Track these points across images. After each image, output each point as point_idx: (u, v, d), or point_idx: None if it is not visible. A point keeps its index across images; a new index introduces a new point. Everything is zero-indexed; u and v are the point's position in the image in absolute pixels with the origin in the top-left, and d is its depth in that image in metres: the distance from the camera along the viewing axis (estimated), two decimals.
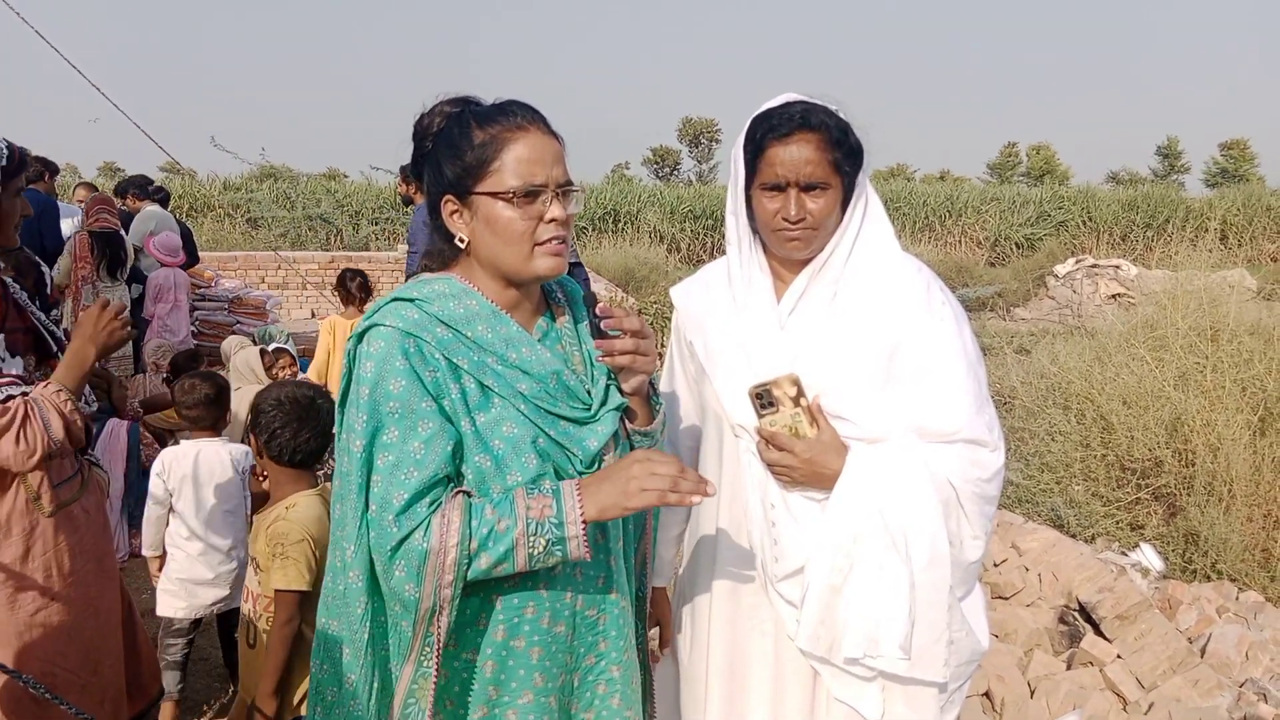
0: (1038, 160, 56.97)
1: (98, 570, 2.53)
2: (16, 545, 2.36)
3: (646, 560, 1.99)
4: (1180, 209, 26.40)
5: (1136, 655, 3.81)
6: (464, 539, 1.51)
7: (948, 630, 1.87)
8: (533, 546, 1.52)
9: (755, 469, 1.94)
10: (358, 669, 1.66)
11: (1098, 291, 15.25)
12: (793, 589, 1.92)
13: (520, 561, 1.53)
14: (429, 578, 1.52)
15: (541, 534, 1.52)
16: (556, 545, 1.53)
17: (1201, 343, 5.48)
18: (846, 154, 1.86)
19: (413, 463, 1.54)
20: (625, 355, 1.67)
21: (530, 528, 1.52)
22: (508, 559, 1.53)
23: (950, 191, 28.85)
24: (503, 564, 1.54)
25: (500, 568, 1.54)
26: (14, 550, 2.35)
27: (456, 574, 1.52)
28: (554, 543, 1.53)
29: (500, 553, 1.52)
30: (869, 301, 1.90)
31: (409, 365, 1.57)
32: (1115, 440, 5.25)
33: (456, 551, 1.51)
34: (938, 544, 1.84)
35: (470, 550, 1.52)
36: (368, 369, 1.59)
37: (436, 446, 1.56)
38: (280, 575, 2.60)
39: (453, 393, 1.60)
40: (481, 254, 1.68)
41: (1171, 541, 4.90)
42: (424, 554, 1.51)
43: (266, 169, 24.81)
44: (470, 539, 1.51)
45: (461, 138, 1.65)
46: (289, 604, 2.60)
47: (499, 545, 1.52)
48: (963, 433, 1.87)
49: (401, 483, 1.54)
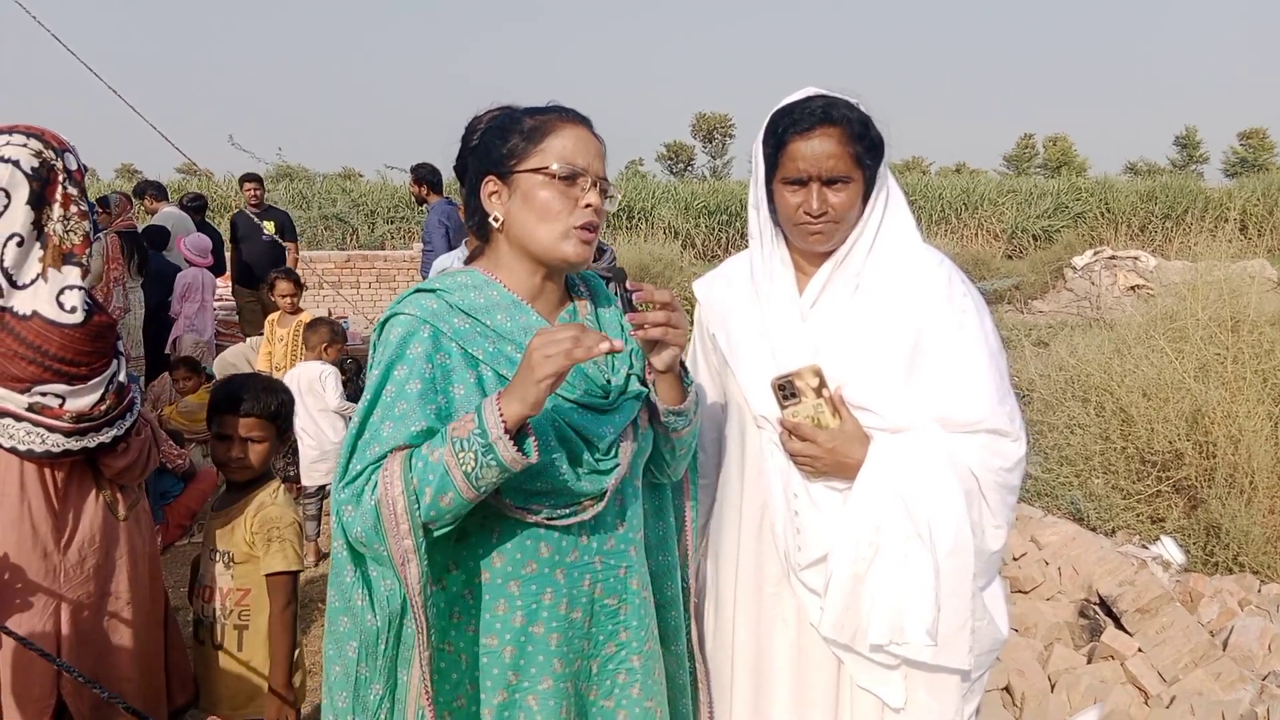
0: (1055, 152, 56.65)
1: (150, 571, 2.55)
2: (100, 552, 2.38)
3: (689, 553, 2.01)
4: (1199, 199, 26.16)
5: (1158, 649, 3.80)
6: (406, 481, 1.53)
7: (971, 617, 1.88)
8: (464, 463, 1.49)
9: (778, 459, 1.95)
10: (357, 635, 1.69)
11: (1116, 283, 15.16)
12: (816, 578, 1.93)
13: (459, 482, 1.50)
14: (388, 529, 1.54)
15: (468, 448, 1.49)
16: (486, 454, 1.49)
17: (1222, 334, 5.44)
18: (868, 147, 1.88)
19: (378, 439, 1.59)
20: (657, 329, 1.67)
21: (455, 445, 1.50)
22: (448, 485, 1.51)
23: (967, 184, 28.72)
24: (446, 492, 1.51)
25: (446, 497, 1.52)
26: (97, 557, 2.37)
27: (410, 521, 1.53)
28: (483, 452, 1.49)
29: (437, 480, 1.51)
30: (891, 293, 1.92)
31: (418, 353, 1.63)
32: (1135, 433, 5.23)
33: (404, 499, 1.52)
34: (961, 532, 1.85)
35: (414, 488, 1.53)
36: (380, 354, 1.66)
37: (404, 426, 1.58)
38: (279, 558, 2.62)
39: (468, 379, 1.64)
40: (514, 233, 1.71)
41: (1193, 534, 4.87)
42: (375, 510, 1.54)
43: (283, 169, 24.95)
44: (411, 477, 1.53)
45: (513, 123, 1.72)
46: (287, 586, 2.62)
47: (434, 473, 1.51)
48: (985, 423, 1.88)
49: (363, 456, 1.59)
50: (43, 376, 2.18)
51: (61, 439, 2.23)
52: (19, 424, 2.19)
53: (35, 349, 2.17)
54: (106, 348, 2.32)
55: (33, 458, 2.23)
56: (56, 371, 2.20)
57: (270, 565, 2.62)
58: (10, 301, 2.18)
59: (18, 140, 2.21)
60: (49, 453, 2.23)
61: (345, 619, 1.71)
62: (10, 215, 2.18)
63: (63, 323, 2.21)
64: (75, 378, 2.23)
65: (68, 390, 2.22)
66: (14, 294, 2.19)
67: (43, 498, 2.28)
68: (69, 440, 2.24)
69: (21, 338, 2.17)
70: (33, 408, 2.19)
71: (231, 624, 2.67)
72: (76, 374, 2.23)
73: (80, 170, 2.34)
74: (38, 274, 2.21)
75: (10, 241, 2.18)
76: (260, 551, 2.65)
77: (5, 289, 2.18)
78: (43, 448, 2.22)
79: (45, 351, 2.18)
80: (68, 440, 2.24)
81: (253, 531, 2.66)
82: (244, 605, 2.66)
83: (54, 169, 2.24)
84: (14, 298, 2.19)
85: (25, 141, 2.22)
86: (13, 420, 2.19)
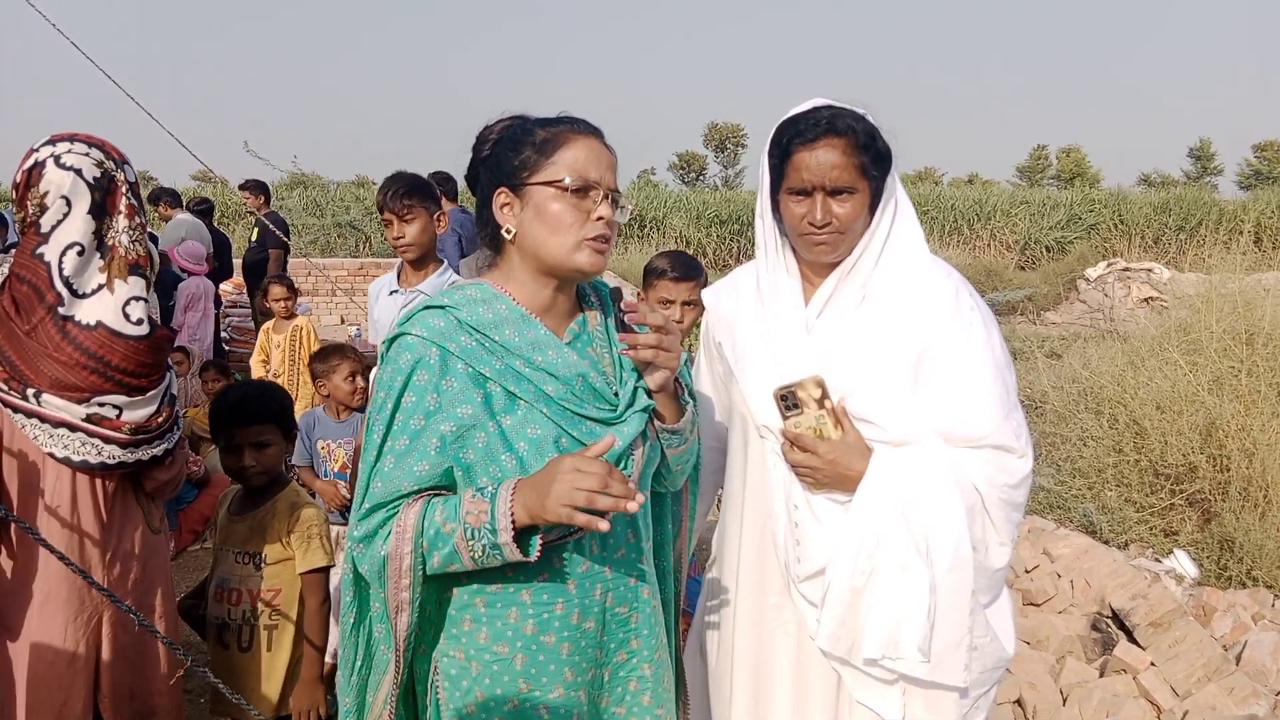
0: (1068, 163, 56.52)
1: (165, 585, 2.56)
2: (139, 566, 2.39)
3: (682, 558, 2.01)
4: (1213, 211, 26.02)
5: (1171, 663, 3.77)
6: (417, 544, 1.59)
7: (969, 635, 1.86)
8: (473, 550, 1.56)
9: (780, 470, 1.95)
10: (345, 647, 1.77)
11: (1130, 295, 15.09)
12: (815, 589, 1.92)
13: (467, 562, 1.58)
14: (390, 580, 1.62)
15: (478, 539, 1.55)
16: (493, 549, 1.55)
17: (1236, 346, 5.41)
18: (874, 158, 1.86)
19: (380, 475, 1.64)
20: (649, 350, 1.69)
21: (468, 533, 1.55)
22: (454, 559, 1.58)
23: (979, 195, 28.62)
24: (452, 563, 1.59)
25: (453, 566, 1.59)
26: (137, 571, 2.38)
27: (413, 578, 1.61)
28: (490, 546, 1.55)
29: (445, 552, 1.58)
30: (897, 305, 1.90)
31: (424, 381, 1.64)
32: (1148, 445, 5.20)
33: (411, 558, 1.59)
34: (960, 548, 1.83)
35: (423, 549, 1.59)
36: (389, 377, 1.67)
37: (405, 463, 1.62)
38: (318, 555, 2.73)
39: (475, 399, 1.64)
40: (526, 245, 1.71)
41: (1206, 548, 4.84)
42: (383, 560, 1.61)
43: (297, 176, 25.05)
44: (421, 539, 1.59)
45: (524, 134, 1.72)
46: (323, 582, 2.73)
47: (445, 546, 1.57)
48: (990, 438, 1.86)
49: (371, 493, 1.64)
50: (103, 387, 2.17)
51: (118, 450, 2.22)
52: (74, 434, 2.18)
53: (98, 359, 2.16)
54: (164, 360, 2.32)
55: (87, 469, 2.22)
56: (118, 382, 2.19)
57: (310, 562, 2.71)
58: (72, 310, 2.16)
59: (79, 149, 2.19)
60: (104, 464, 2.22)
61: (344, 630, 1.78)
62: (70, 223, 2.17)
63: (128, 334, 2.20)
64: (135, 389, 2.22)
65: (126, 401, 2.21)
66: (76, 303, 2.17)
67: (92, 510, 2.27)
68: (124, 452, 2.23)
69: (84, 347, 2.15)
70: (90, 418, 2.18)
71: (262, 624, 2.71)
72: (136, 385, 2.22)
73: (137, 182, 2.33)
74: (101, 284, 2.20)
75: (71, 250, 2.16)
76: (298, 550, 2.71)
77: (66, 298, 2.16)
78: (98, 459, 2.21)
79: (108, 362, 2.17)
80: (123, 452, 2.23)
81: (289, 532, 2.72)
82: (275, 605, 2.71)
83: (115, 179, 2.23)
84: (76, 307, 2.17)
85: (87, 151, 2.20)
86: (68, 430, 2.17)
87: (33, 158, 2.17)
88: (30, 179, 2.16)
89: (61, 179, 2.15)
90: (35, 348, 2.14)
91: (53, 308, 2.14)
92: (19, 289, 2.16)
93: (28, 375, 2.14)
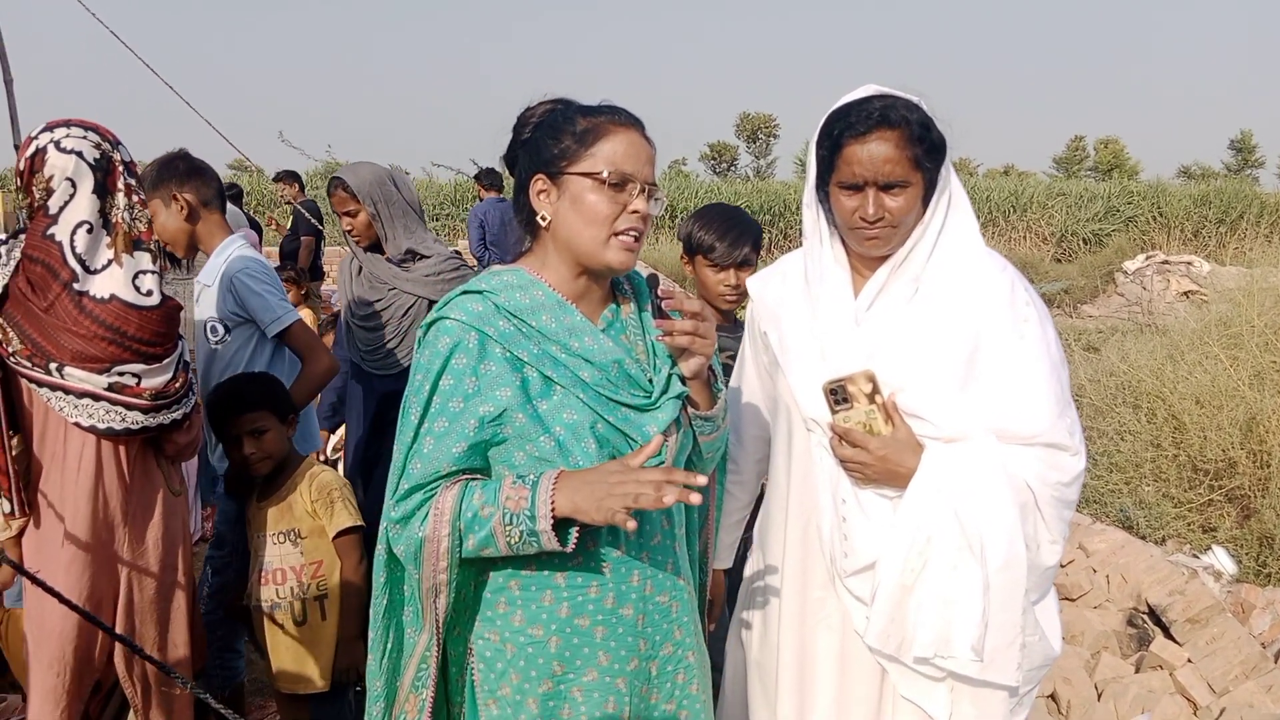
0: (1105, 154, 55.79)
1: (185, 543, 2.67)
2: (160, 527, 2.51)
3: (708, 546, 2.03)
4: (1255, 204, 25.58)
5: (1208, 659, 3.74)
6: (454, 526, 1.61)
7: (1021, 634, 1.84)
8: (509, 536, 1.57)
9: (827, 463, 1.94)
10: (377, 631, 1.78)
11: (1169, 288, 14.88)
12: (861, 585, 1.91)
13: (503, 547, 1.59)
14: (426, 562, 1.63)
15: (516, 524, 1.56)
16: (530, 536, 1.56)
17: (1278, 341, 5.33)
18: (928, 150, 1.81)
19: (419, 456, 1.65)
20: (685, 336, 1.70)
21: (506, 518, 1.57)
22: (490, 543, 1.60)
23: (1015, 186, 28.32)
24: (487, 547, 1.61)
25: (487, 550, 1.61)
26: (159, 531, 2.50)
27: (450, 560, 1.63)
28: (527, 533, 1.56)
29: (482, 536, 1.59)
30: (950, 299, 1.87)
31: (464, 364, 1.66)
32: (1187, 440, 5.14)
33: (449, 540, 1.61)
34: (1014, 546, 1.81)
35: (460, 531, 1.61)
36: (427, 360, 1.68)
37: (444, 444, 1.64)
38: (345, 516, 2.80)
39: (514, 382, 1.66)
40: (560, 234, 1.72)
41: (1245, 544, 4.78)
42: (420, 542, 1.63)
43: (331, 166, 25.21)
44: (459, 521, 1.61)
45: (565, 122, 1.73)
46: (356, 544, 2.80)
47: (482, 530, 1.59)
48: (1043, 436, 1.83)
49: (409, 474, 1.65)
50: (122, 356, 2.30)
51: (140, 416, 2.36)
52: (98, 404, 2.31)
53: (115, 330, 2.29)
54: (175, 329, 2.44)
55: (112, 435, 2.35)
56: (135, 351, 2.32)
57: (340, 523, 2.78)
58: (87, 286, 2.29)
59: (77, 133, 2.31)
60: (128, 430, 2.36)
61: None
62: (77, 203, 2.29)
63: (140, 305, 2.33)
64: (151, 357, 2.35)
65: (144, 369, 2.34)
66: (90, 279, 2.29)
67: (116, 473, 2.40)
68: (146, 417, 2.37)
69: (101, 320, 2.28)
70: (113, 387, 2.31)
71: (311, 596, 2.79)
72: (153, 353, 2.35)
73: (133, 162, 2.45)
74: (110, 259, 2.32)
75: (80, 229, 2.29)
76: (324, 516, 2.79)
77: (80, 274, 2.28)
78: (122, 425, 2.34)
79: (124, 333, 2.30)
80: (145, 417, 2.37)
81: (313, 500, 2.79)
82: (319, 577, 2.80)
83: (112, 160, 2.35)
84: (90, 282, 2.29)
85: (84, 134, 2.32)
86: (92, 400, 2.30)
87: (34, 145, 2.30)
88: (34, 165, 2.29)
89: (65, 162, 2.28)
90: (54, 324, 2.27)
91: (68, 284, 2.27)
92: (33, 270, 2.28)
93: (49, 350, 2.27)
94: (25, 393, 2.31)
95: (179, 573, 2.55)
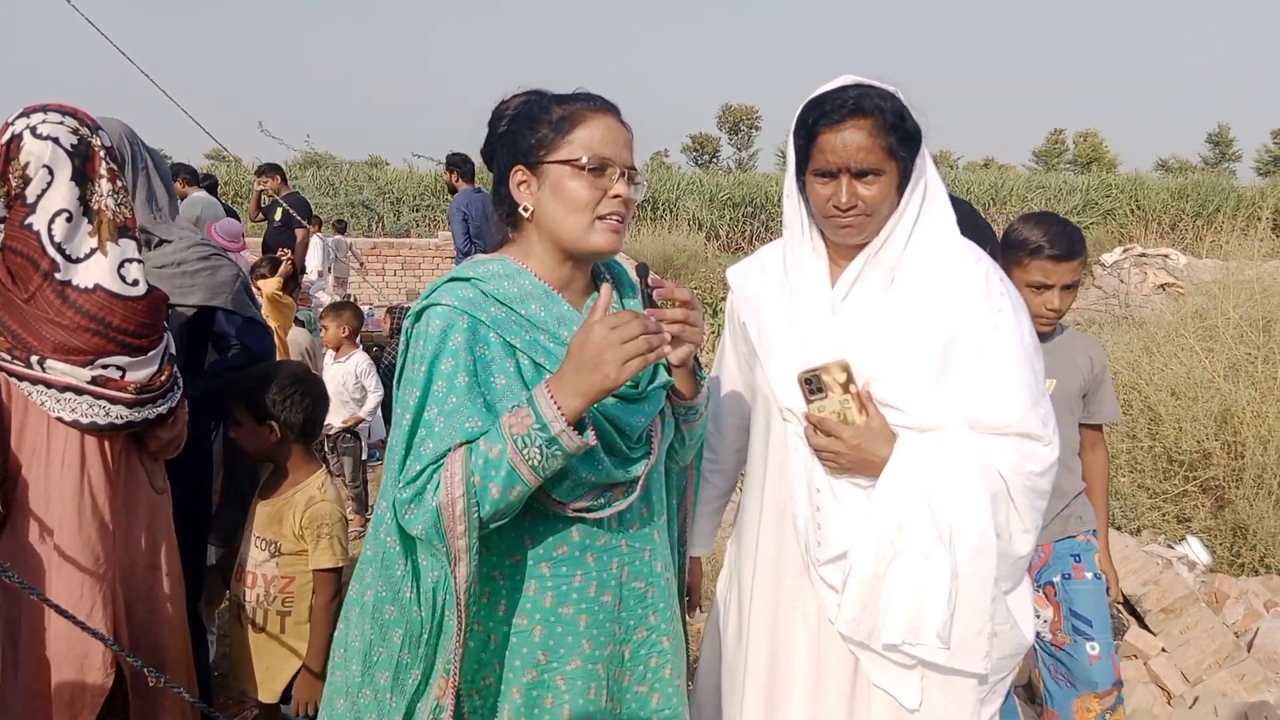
0: (1085, 147, 56.14)
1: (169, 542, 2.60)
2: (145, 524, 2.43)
3: (686, 527, 2.04)
4: (1231, 197, 25.83)
5: (1182, 649, 3.77)
6: (468, 483, 1.54)
7: (990, 622, 1.86)
8: (529, 458, 1.52)
9: (802, 453, 1.94)
10: (403, 624, 1.70)
11: (1146, 281, 14.98)
12: (835, 574, 1.92)
13: (527, 475, 1.54)
14: (447, 530, 1.56)
15: (531, 443, 1.52)
16: (551, 446, 1.52)
17: (1253, 333, 5.38)
18: (902, 138, 1.82)
19: (432, 435, 1.60)
20: (675, 324, 1.68)
21: (518, 442, 1.52)
22: (515, 480, 1.54)
23: (995, 179, 28.49)
24: (514, 486, 1.54)
25: (515, 490, 1.55)
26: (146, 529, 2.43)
27: (468, 523, 1.55)
28: (547, 444, 1.52)
29: (504, 475, 1.53)
30: (925, 289, 1.88)
31: (459, 344, 1.63)
32: (1163, 431, 5.18)
33: (464, 501, 1.54)
34: (985, 536, 1.82)
35: (476, 486, 1.55)
36: (421, 347, 1.65)
37: (457, 421, 1.59)
38: (328, 555, 2.73)
39: (508, 368, 1.66)
40: (543, 223, 1.72)
41: (1219, 535, 4.83)
42: (436, 512, 1.56)
43: (310, 156, 25.07)
44: (473, 475, 1.55)
45: (541, 111, 1.73)
46: (333, 581, 2.73)
47: (501, 469, 1.53)
48: (1016, 426, 1.84)
49: (419, 454, 1.60)
50: (106, 348, 2.22)
51: (124, 410, 2.28)
52: (80, 397, 2.23)
53: (99, 321, 2.21)
54: (161, 321, 2.37)
55: (95, 430, 2.28)
56: (120, 343, 2.24)
57: (320, 562, 2.73)
58: (69, 275, 2.21)
59: (54, 118, 2.23)
60: (112, 425, 2.28)
61: (392, 608, 1.72)
62: (55, 191, 2.21)
63: (126, 295, 2.25)
64: (136, 349, 2.27)
65: (129, 362, 2.26)
66: (71, 268, 2.21)
67: (101, 470, 2.32)
68: (130, 411, 2.29)
69: (84, 310, 2.20)
70: (96, 380, 2.23)
71: (275, 610, 2.75)
72: (138, 345, 2.28)
73: (114, 147, 2.37)
74: (93, 248, 2.24)
75: (59, 217, 2.21)
76: (310, 546, 2.74)
77: (61, 264, 2.20)
78: (106, 420, 2.26)
79: (108, 323, 2.22)
80: (130, 411, 2.29)
81: (303, 526, 2.74)
82: (287, 593, 2.75)
83: (92, 145, 2.27)
84: (72, 272, 2.21)
85: (61, 119, 2.24)
86: (74, 394, 2.23)
87: (9, 131, 2.21)
88: (10, 152, 2.20)
89: (41, 149, 2.19)
90: (35, 315, 2.18)
91: (48, 274, 2.19)
92: (13, 260, 2.20)
93: (30, 342, 2.18)
94: (4, 387, 2.23)
95: (163, 573, 2.48)
